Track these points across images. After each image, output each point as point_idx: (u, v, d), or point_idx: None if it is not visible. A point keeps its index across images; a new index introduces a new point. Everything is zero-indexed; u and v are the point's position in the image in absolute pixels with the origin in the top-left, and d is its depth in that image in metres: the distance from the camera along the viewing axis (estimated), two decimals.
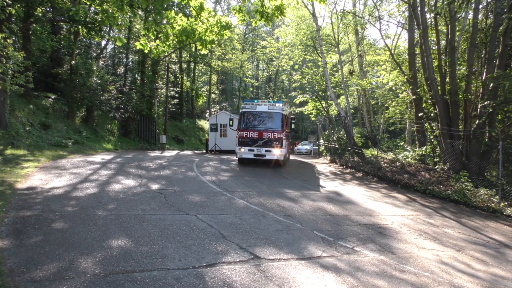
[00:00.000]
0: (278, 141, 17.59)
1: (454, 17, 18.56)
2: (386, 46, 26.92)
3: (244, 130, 17.79)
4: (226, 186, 12.68)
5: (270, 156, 17.58)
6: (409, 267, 6.69)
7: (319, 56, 28.80)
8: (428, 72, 18.61)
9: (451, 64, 18.02)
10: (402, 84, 23.52)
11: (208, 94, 50.55)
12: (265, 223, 8.57)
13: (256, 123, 17.99)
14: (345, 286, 5.57)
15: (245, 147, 17.65)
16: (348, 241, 7.82)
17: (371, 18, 28.97)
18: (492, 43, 16.88)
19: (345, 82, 29.76)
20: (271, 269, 5.84)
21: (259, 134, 17.59)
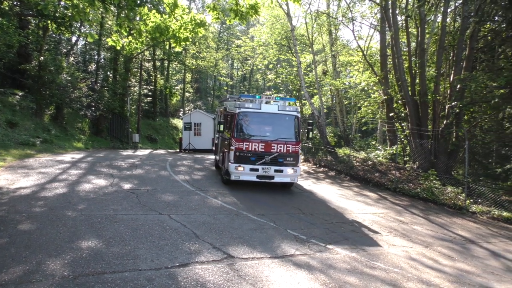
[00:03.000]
0: (293, 157, 12.39)
1: (424, 20, 19.05)
2: (359, 47, 27.37)
3: (244, 140, 12.07)
4: (199, 185, 12.60)
5: (281, 178, 12.40)
6: (379, 263, 6.83)
7: (293, 55, 29.01)
8: (399, 73, 19.04)
9: (421, 65, 18.49)
10: (374, 84, 23.98)
11: (182, 93, 50.08)
12: (239, 222, 8.57)
13: (261, 130, 12.53)
14: (317, 283, 5.63)
15: (245, 165, 12.01)
16: (321, 239, 7.92)
17: (345, 19, 29.39)
18: (459, 46, 17.43)
19: (318, 82, 30.07)
20: (244, 268, 5.84)
21: (266, 146, 12.13)
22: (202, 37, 41.15)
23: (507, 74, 13.72)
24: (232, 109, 12.96)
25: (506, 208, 12.67)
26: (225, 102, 15.14)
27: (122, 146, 29.70)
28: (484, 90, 15.67)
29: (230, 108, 13.36)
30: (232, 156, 12.11)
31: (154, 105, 42.81)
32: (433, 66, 20.35)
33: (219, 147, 15.62)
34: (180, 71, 51.52)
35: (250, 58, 43.59)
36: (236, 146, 12.08)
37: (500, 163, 15.09)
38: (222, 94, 60.17)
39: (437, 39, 19.53)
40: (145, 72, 39.24)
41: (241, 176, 12.22)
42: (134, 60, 34.12)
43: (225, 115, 13.92)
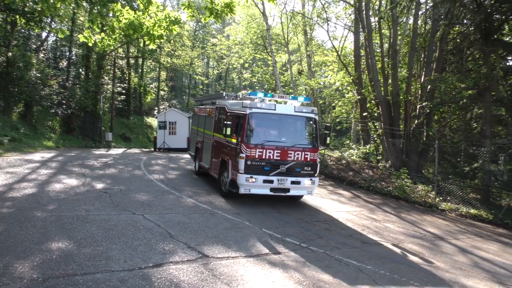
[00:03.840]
0: (311, 166, 10.73)
1: (396, 21, 19.48)
2: (334, 47, 27.71)
3: (256, 147, 10.18)
4: (174, 185, 12.48)
5: (297, 191, 10.78)
6: (353, 261, 6.94)
7: (269, 55, 29.11)
8: (372, 74, 19.39)
9: (393, 66, 18.90)
10: (348, 84, 24.34)
11: (156, 91, 49.43)
12: (214, 221, 8.54)
13: (276, 135, 10.80)
14: (291, 281, 5.68)
15: (258, 176, 10.13)
16: (296, 238, 7.98)
17: (319, 20, 29.70)
18: (430, 47, 17.90)
19: (294, 82, 30.28)
20: (219, 268, 5.83)
21: (282, 154, 10.39)
22: (177, 35, 40.72)
23: (475, 75, 14.18)
24: (237, 109, 10.85)
25: (473, 205, 13.11)
26: (220, 101, 12.83)
27: (94, 145, 29.06)
28: (453, 91, 16.15)
29: (234, 108, 11.15)
30: (242, 165, 10.05)
31: (128, 104, 42.08)
32: (405, 67, 20.84)
33: (209, 153, 12.97)
34: (155, 69, 50.81)
35: (226, 57, 43.45)
36: (247, 154, 10.08)
37: (468, 162, 15.59)
38: (197, 93, 59.77)
39: (409, 41, 20.00)
40: (119, 69, 38.52)
41: (252, 189, 10.24)
42: (108, 57, 33.42)
43: (224, 116, 11.54)
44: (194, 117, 16.55)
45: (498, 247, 9.54)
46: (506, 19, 14.74)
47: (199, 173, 14.78)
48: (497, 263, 8.11)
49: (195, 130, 15.77)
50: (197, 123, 15.58)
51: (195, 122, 16.19)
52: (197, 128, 15.26)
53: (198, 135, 14.94)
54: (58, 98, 29.44)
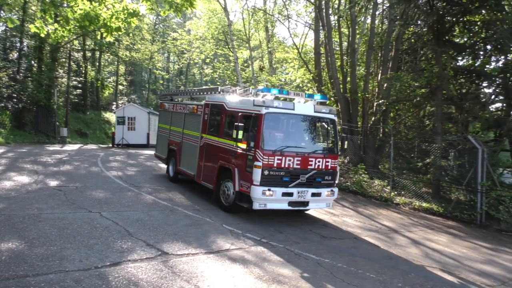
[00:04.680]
0: (332, 175, 9.48)
1: (355, 21, 19.97)
2: (294, 44, 28.02)
3: (275, 154, 8.63)
4: (133, 182, 12.21)
5: (316, 204, 9.49)
6: (312, 255, 7.08)
7: (230, 51, 29.02)
8: (332, 71, 19.79)
9: (352, 64, 19.37)
10: (309, 81, 24.71)
11: (115, 85, 48.04)
12: (174, 218, 8.44)
13: (295, 139, 9.39)
14: (252, 276, 5.72)
15: (276, 189, 8.63)
16: (257, 234, 8.03)
17: (281, 17, 29.95)
18: (386, 47, 18.51)
19: (255, 78, 30.38)
20: (179, 265, 5.77)
21: (303, 161, 8.95)
22: (136, 28, 39.68)
23: (428, 74, 14.80)
24: (246, 107, 9.18)
25: (425, 199, 13.72)
26: (212, 96, 11.11)
27: (48, 140, 27.86)
28: (408, 89, 16.79)
29: (240, 107, 9.46)
30: (258, 175, 8.45)
31: (85, 98, 40.64)
32: (363, 66, 21.42)
33: (195, 157, 11.16)
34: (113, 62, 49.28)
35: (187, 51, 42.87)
36: (264, 162, 8.46)
37: (421, 158, 16.27)
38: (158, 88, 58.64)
39: (366, 40, 20.55)
40: (74, 62, 37.08)
41: (269, 204, 8.74)
42: (62, 50, 32.08)
43: (223, 116, 10.03)
44: (164, 113, 14.27)
45: (448, 238, 10.04)
46: (457, 21, 15.45)
47: (176, 179, 12.67)
48: (446, 253, 8.54)
49: (167, 129, 13.51)
50: (169, 120, 13.39)
51: (165, 120, 13.90)
52: (170, 127, 13.17)
53: (173, 135, 12.95)
54: (7, 92, 27.94)
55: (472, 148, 12.81)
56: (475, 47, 16.02)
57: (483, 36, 15.40)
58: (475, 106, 15.48)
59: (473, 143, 12.53)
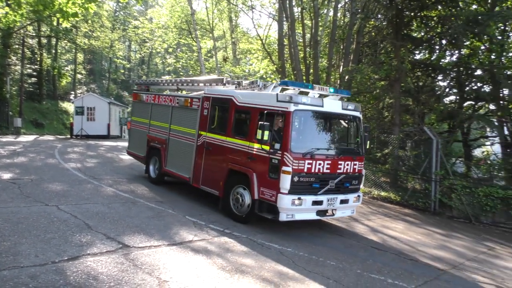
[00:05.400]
0: (358, 179, 8.77)
1: (318, 13, 20.19)
2: (258, 35, 28.02)
3: (305, 158, 7.64)
4: (93, 174, 11.88)
5: (342, 212, 8.72)
6: (274, 244, 7.19)
7: (193, 40, 28.63)
8: (295, 63, 19.96)
9: (314, 56, 19.62)
10: (272, 72, 24.83)
11: (73, 74, 46.28)
12: (136, 210, 8.31)
13: (323, 140, 8.47)
14: (215, 267, 5.74)
15: (306, 197, 7.69)
16: (220, 224, 8.04)
17: (245, 7, 29.79)
18: (348, 39, 18.87)
19: (219, 68, 30.18)
20: (140, 257, 5.69)
21: (333, 165, 8.10)
22: (95, 15, 38.28)
23: (387, 67, 15.25)
24: (268, 103, 8.01)
25: (384, 188, 14.22)
26: (213, 89, 9.91)
27: (1, 131, 26.57)
28: (368, 81, 17.25)
29: (261, 102, 8.24)
30: (287, 182, 7.43)
31: (40, 87, 38.90)
32: (325, 58, 21.74)
33: (190, 158, 9.88)
34: (71, 50, 47.37)
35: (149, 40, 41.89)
36: (294, 167, 7.47)
37: (380, 148, 16.80)
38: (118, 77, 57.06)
39: (329, 32, 20.87)
40: (29, 49, 35.37)
41: (297, 214, 7.82)
42: (15, 35, 30.50)
43: (232, 112, 8.86)
44: (140, 105, 12.59)
45: (404, 225, 10.48)
46: (415, 16, 15.98)
47: (160, 181, 11.31)
48: (403, 240, 8.92)
49: (145, 123, 11.98)
50: (147, 113, 11.85)
51: (141, 112, 12.32)
52: (150, 121, 11.67)
53: (154, 131, 11.44)
54: None
55: (427, 139, 13.37)
56: (431, 41, 16.64)
57: (439, 31, 16.03)
58: (431, 99, 16.14)
59: (428, 134, 13.09)
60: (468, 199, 12.25)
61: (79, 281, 4.70)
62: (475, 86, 16.21)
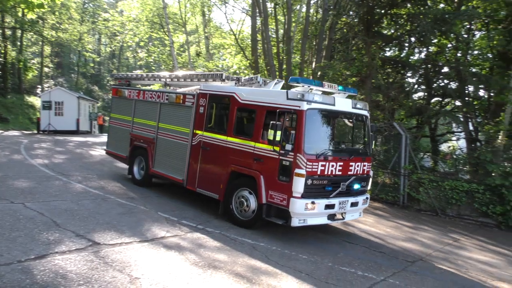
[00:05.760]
0: (366, 181, 8.51)
1: (291, 9, 20.27)
2: (231, 30, 27.90)
3: (318, 160, 7.32)
4: (61, 170, 11.56)
5: (351, 215, 8.41)
6: (247, 239, 7.22)
7: (166, 34, 28.22)
8: (268, 58, 20.00)
9: (287, 52, 19.71)
10: (245, 68, 24.77)
11: (39, 68, 44.74)
12: (106, 207, 8.15)
13: (334, 140, 8.34)
14: (187, 263, 5.71)
15: (319, 200, 7.37)
16: (192, 220, 8.00)
17: (218, 1, 29.55)
18: (320, 36, 19.03)
19: (192, 63, 29.88)
20: (111, 255, 5.60)
21: (344, 166, 7.82)
22: (62, 6, 37.11)
23: (358, 64, 15.49)
24: (275, 101, 7.61)
25: None
26: (210, 85, 9.28)
27: None
28: (340, 77, 17.44)
29: (267, 100, 7.83)
30: (300, 186, 7.05)
31: (5, 80, 37.40)
32: (298, 53, 21.87)
33: (183, 159, 9.24)
34: (37, 43, 45.76)
35: (120, 34, 40.94)
36: (308, 170, 7.09)
37: None
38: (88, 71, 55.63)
39: (302, 28, 20.99)
40: None
41: (309, 219, 7.47)
42: None
43: (234, 110, 8.34)
44: (120, 101, 11.77)
45: (374, 219, 10.73)
46: (385, 13, 16.28)
47: (148, 183, 10.54)
48: (372, 233, 9.14)
49: (127, 120, 11.17)
50: (130, 110, 11.09)
51: (123, 109, 11.51)
52: (134, 119, 10.93)
53: (139, 129, 10.71)
54: None
55: (397, 134, 13.69)
56: (401, 39, 17.01)
57: (408, 28, 16.40)
58: (400, 95, 16.51)
59: (398, 130, 13.40)
60: (435, 193, 12.65)
61: (46, 280, 4.58)
62: (442, 83, 16.69)
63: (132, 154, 10.85)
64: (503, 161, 12.79)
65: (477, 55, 17.26)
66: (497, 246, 9.74)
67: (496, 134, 13.68)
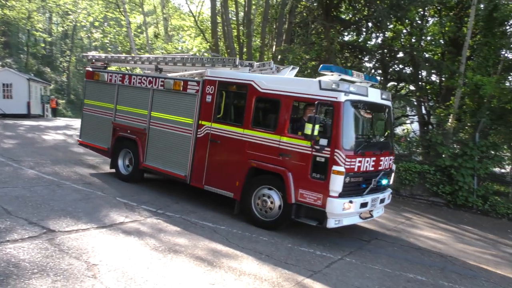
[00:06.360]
0: (390, 176, 8.15)
1: None
2: (191, 12, 27.28)
3: (356, 155, 6.88)
4: (11, 155, 11.02)
5: (377, 213, 8.05)
6: (208, 223, 7.24)
7: (122, 15, 27.14)
8: (228, 41, 19.79)
9: (248, 35, 19.59)
10: (206, 51, 24.43)
11: None
12: (61, 193, 7.88)
13: (366, 134, 8.05)
14: (147, 248, 5.66)
15: (355, 199, 6.93)
16: (152, 205, 7.91)
17: None
18: (280, 19, 19.05)
19: (150, 45, 29.04)
20: (67, 242, 5.45)
21: (376, 161, 7.48)
22: None
23: (317, 48, 15.67)
24: (307, 91, 7.05)
25: None
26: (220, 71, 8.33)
27: None
28: (300, 61, 17.58)
29: (295, 89, 7.19)
30: (339, 184, 6.56)
31: None
32: (258, 37, 21.81)
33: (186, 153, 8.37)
34: None
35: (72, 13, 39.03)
36: (347, 166, 6.62)
37: None
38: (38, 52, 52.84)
39: (262, 11, 20.87)
40: None
41: (344, 220, 7.06)
42: None
43: (253, 100, 7.58)
44: (98, 86, 10.44)
45: None
46: None
47: (136, 179, 9.59)
48: None
49: (108, 108, 10.01)
50: (112, 97, 9.93)
51: (101, 95, 10.26)
52: (116, 106, 9.81)
53: (124, 118, 9.64)
54: None
55: None
56: (359, 23, 17.32)
57: (365, 13, 16.69)
58: None
59: None
60: None
61: None
62: (398, 67, 17.23)
63: (116, 146, 9.77)
64: (452, 143, 13.48)
65: (430, 41, 17.94)
66: (446, 224, 10.35)
67: (447, 118, 14.37)
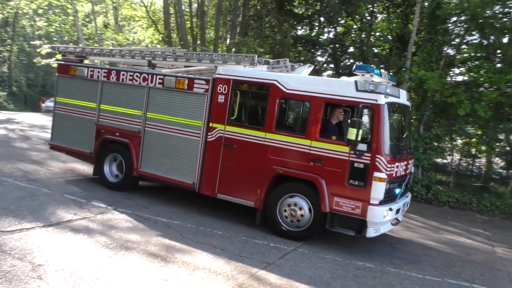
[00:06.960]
0: (410, 178, 8.02)
1: None
2: (142, 1, 26.45)
3: (394, 160, 6.65)
4: None
5: (401, 215, 7.56)
6: (161, 218, 7.13)
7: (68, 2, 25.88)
8: (181, 33, 19.44)
9: (201, 27, 19.34)
10: (158, 42, 23.84)
11: None
12: (2, 191, 7.45)
13: (396, 137, 7.56)
14: (98, 245, 5.49)
15: (392, 205, 6.71)
16: (102, 201, 7.66)
17: None
18: (234, 12, 18.94)
19: (99, 35, 27.94)
20: (9, 242, 5.16)
21: (406, 165, 7.30)
22: None
23: (271, 41, 15.78)
24: (342, 93, 6.59)
25: None
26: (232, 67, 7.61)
27: None
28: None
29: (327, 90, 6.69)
30: (380, 192, 6.28)
31: None
32: (212, 29, 21.57)
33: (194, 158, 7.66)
34: None
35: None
36: (388, 172, 6.35)
37: None
38: None
39: (216, 3, 20.66)
40: None
41: (382, 228, 6.71)
42: None
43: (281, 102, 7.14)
44: (74, 82, 9.27)
45: None
46: None
47: (132, 186, 8.81)
48: None
49: (89, 108, 8.94)
50: (93, 95, 8.89)
51: (80, 93, 9.12)
52: (100, 106, 8.79)
53: (109, 119, 8.69)
54: None
55: None
56: (311, 18, 17.63)
57: (318, 8, 17.01)
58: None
59: None
60: None
61: None
62: (349, 62, 17.73)
63: (100, 150, 8.80)
64: None
65: (378, 37, 18.58)
66: None
67: None
